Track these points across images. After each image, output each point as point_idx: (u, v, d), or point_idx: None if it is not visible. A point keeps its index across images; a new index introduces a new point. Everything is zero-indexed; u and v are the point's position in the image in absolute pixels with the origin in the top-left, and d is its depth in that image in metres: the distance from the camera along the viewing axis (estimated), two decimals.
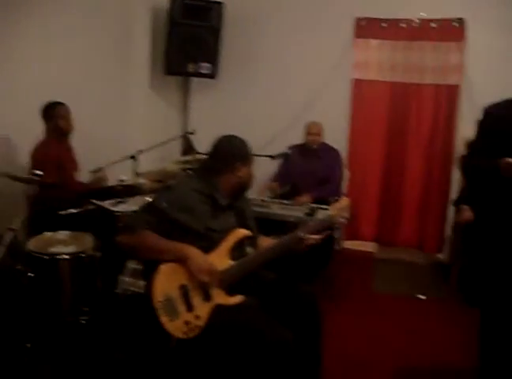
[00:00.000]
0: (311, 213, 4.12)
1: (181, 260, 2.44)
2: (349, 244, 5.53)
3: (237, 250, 2.63)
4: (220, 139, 2.72)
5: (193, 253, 2.44)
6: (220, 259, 2.55)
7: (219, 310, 2.50)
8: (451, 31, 5.07)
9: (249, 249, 2.70)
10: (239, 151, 2.70)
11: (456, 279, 4.75)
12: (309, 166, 4.90)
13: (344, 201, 2.88)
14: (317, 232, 2.73)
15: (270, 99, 5.66)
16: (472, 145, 2.71)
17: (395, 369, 3.38)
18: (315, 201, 4.46)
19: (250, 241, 2.73)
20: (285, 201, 4.48)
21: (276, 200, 4.52)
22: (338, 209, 2.82)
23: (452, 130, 5.16)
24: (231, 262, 2.57)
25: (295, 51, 5.55)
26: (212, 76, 5.59)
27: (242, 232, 2.63)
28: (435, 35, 5.11)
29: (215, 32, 5.43)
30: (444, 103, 5.16)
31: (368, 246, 5.63)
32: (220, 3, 5.35)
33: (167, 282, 2.44)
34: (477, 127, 2.67)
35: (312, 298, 2.72)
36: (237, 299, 2.54)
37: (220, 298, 2.53)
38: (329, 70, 5.37)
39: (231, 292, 2.55)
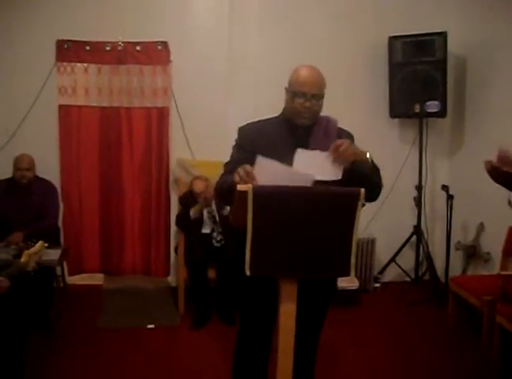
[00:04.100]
0: (20, 254, 3.76)
1: None
2: (75, 279, 5.18)
3: None
4: None
5: None
6: None
7: None
8: (156, 54, 5.08)
9: None
10: None
11: (184, 302, 4.76)
12: (20, 203, 4.52)
13: (39, 246, 2.72)
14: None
15: None
16: (227, 163, 2.70)
17: None
18: (32, 238, 4.08)
19: None
20: None
21: None
22: (30, 255, 2.64)
23: (165, 152, 5.15)
24: None
25: None
26: None
27: None
28: (141, 58, 5.07)
29: None
30: (155, 126, 5.12)
31: (95, 279, 5.33)
32: None
33: None
34: (234, 146, 2.72)
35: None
36: None
37: None
38: (33, 97, 4.98)
39: None
